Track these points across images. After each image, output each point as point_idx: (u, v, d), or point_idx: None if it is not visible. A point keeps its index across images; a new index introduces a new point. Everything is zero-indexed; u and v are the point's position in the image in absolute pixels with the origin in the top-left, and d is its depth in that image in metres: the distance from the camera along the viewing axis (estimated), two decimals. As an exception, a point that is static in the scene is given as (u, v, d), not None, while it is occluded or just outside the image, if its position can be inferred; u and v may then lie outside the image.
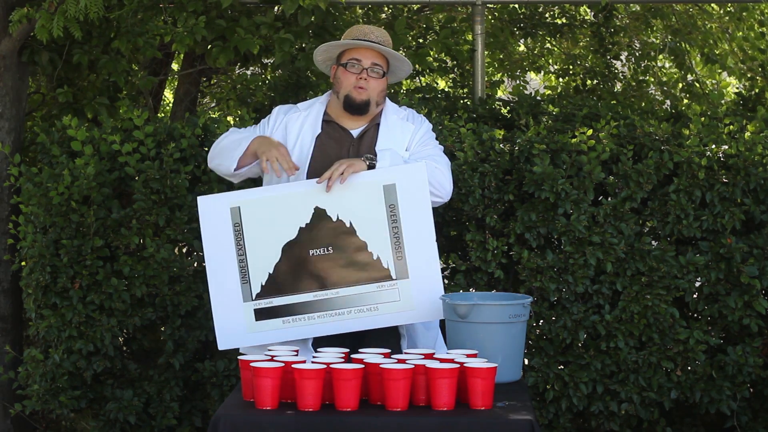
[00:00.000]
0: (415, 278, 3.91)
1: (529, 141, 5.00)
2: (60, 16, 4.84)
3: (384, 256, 3.91)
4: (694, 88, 7.33)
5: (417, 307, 3.91)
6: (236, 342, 3.99)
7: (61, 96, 5.74)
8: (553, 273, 4.94)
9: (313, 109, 4.15)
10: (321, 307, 3.92)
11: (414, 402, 3.41)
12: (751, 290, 4.90)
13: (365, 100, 4.02)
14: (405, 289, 3.91)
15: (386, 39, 4.10)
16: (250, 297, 3.94)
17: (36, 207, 5.03)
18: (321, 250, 3.93)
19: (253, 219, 3.95)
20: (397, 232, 3.91)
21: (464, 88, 6.91)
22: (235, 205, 3.97)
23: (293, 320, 3.93)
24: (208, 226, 3.99)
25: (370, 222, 3.93)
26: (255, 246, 3.95)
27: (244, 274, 3.95)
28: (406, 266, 3.91)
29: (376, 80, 4.03)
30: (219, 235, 3.97)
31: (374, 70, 4.02)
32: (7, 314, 5.52)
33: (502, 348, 3.72)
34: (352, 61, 4.03)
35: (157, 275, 5.02)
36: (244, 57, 5.98)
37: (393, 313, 3.91)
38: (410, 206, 3.92)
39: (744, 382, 4.95)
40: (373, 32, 4.06)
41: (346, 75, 4.04)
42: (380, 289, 3.91)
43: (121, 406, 5.06)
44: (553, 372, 4.95)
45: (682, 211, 4.93)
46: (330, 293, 3.91)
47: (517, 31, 7.38)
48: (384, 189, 3.92)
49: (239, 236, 3.95)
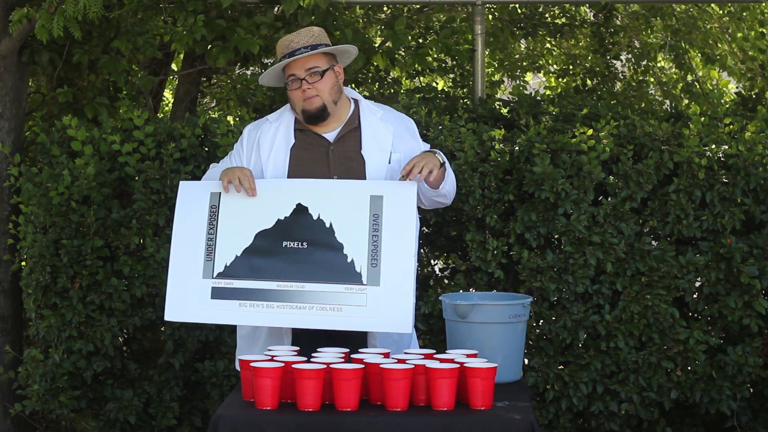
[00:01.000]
0: (387, 288, 3.80)
1: (529, 141, 5.00)
2: (60, 16, 4.85)
3: (358, 261, 3.83)
4: (694, 88, 7.34)
5: (383, 316, 3.78)
6: (185, 316, 3.91)
7: (61, 96, 5.74)
8: (553, 273, 4.94)
9: (284, 118, 4.07)
10: (283, 297, 3.82)
11: (414, 402, 3.41)
12: (751, 290, 4.90)
13: (319, 107, 3.94)
14: (374, 296, 3.79)
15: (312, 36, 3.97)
16: (210, 274, 3.85)
17: (36, 207, 5.03)
18: (295, 244, 3.86)
19: (231, 204, 3.90)
20: (377, 240, 3.84)
21: (464, 88, 6.91)
22: (217, 191, 3.93)
23: (250, 305, 3.82)
24: (184, 205, 3.94)
25: (350, 226, 3.87)
26: (228, 227, 3.88)
27: (210, 252, 3.87)
28: (380, 274, 3.81)
29: (319, 82, 3.93)
30: (192, 212, 3.91)
31: (313, 74, 3.93)
32: (7, 314, 5.52)
33: (502, 348, 3.72)
34: (290, 77, 3.95)
35: (157, 275, 5.02)
36: (244, 57, 5.98)
37: (356, 317, 3.79)
38: (394, 220, 3.85)
39: (744, 382, 4.95)
40: (294, 39, 3.95)
41: (293, 93, 3.96)
42: (348, 291, 3.81)
43: (121, 406, 5.06)
44: (553, 372, 4.95)
45: (682, 211, 4.93)
46: (295, 285, 3.82)
47: (517, 31, 7.38)
48: (371, 198, 3.87)
49: (213, 217, 3.90)
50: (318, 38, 3.98)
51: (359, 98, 4.09)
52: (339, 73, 4.02)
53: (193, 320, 3.93)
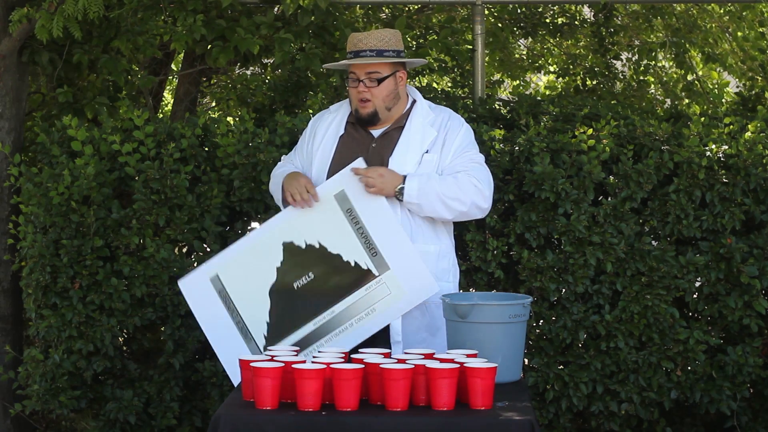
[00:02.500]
0: (396, 266, 3.95)
1: (529, 141, 5.00)
2: (60, 15, 4.85)
3: (360, 259, 3.97)
4: (695, 87, 7.34)
5: (408, 292, 3.96)
6: None
7: (61, 96, 5.74)
8: (553, 273, 4.94)
9: (342, 110, 4.19)
10: (325, 331, 3.98)
11: (414, 402, 3.41)
12: (751, 290, 4.90)
13: (370, 113, 4.03)
14: (391, 281, 3.95)
15: (382, 39, 4.03)
16: (258, 351, 4.03)
17: (36, 207, 5.03)
18: (303, 279, 4.00)
19: (233, 279, 4.05)
20: (363, 231, 3.98)
21: (464, 88, 6.91)
22: (213, 275, 4.07)
23: (305, 355, 3.97)
24: (196, 302, 4.11)
25: (335, 234, 4.00)
26: (244, 302, 4.04)
27: (246, 333, 4.04)
28: (383, 259, 3.96)
29: (375, 88, 4.01)
30: (209, 307, 4.07)
31: (371, 79, 4.01)
32: (7, 314, 5.52)
33: (502, 348, 3.72)
34: (351, 75, 4.05)
35: (157, 275, 5.02)
36: (244, 57, 5.98)
37: (389, 307, 3.96)
38: (364, 203, 3.98)
39: (744, 382, 4.95)
40: (364, 39, 4.01)
41: (350, 90, 4.07)
42: (369, 291, 3.97)
43: (121, 406, 5.05)
44: (553, 372, 4.95)
45: (682, 211, 4.93)
46: (326, 315, 3.98)
47: (517, 31, 7.38)
48: (336, 198, 4.00)
49: (227, 301, 4.05)
50: (388, 43, 4.03)
51: (418, 99, 4.16)
52: (401, 79, 4.09)
53: None
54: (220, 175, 5.06)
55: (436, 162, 4.05)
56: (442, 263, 4.11)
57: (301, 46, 5.92)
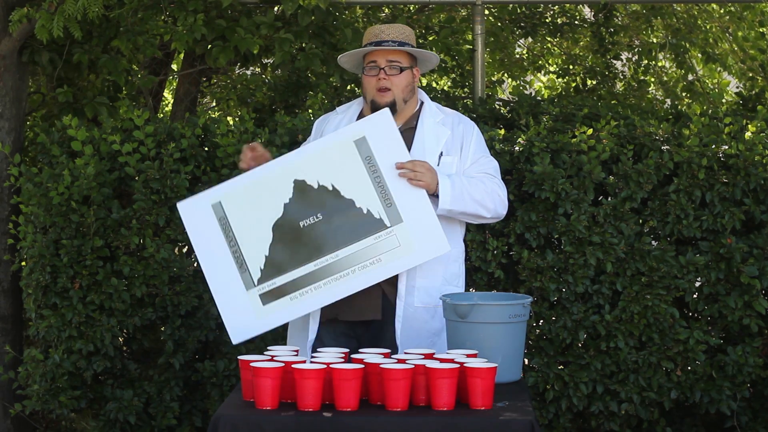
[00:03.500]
0: (409, 219, 3.86)
1: (529, 141, 5.00)
2: (60, 15, 4.85)
3: (374, 208, 3.87)
4: (695, 87, 7.34)
5: (419, 247, 3.86)
6: (249, 333, 3.94)
7: (61, 96, 5.74)
8: (553, 273, 4.94)
9: (350, 110, 4.17)
10: (325, 274, 3.87)
11: (414, 402, 3.41)
12: (751, 290, 4.90)
13: (389, 102, 4.00)
14: (402, 234, 3.86)
15: (403, 33, 4.07)
16: (252, 284, 3.90)
17: (36, 207, 5.03)
18: (311, 219, 3.89)
19: (236, 209, 3.93)
20: (380, 181, 3.88)
21: (464, 88, 6.91)
22: (216, 201, 3.95)
23: (300, 294, 3.88)
24: (194, 227, 3.97)
25: (351, 179, 3.89)
26: (245, 233, 3.91)
27: (241, 263, 3.91)
28: (398, 211, 3.86)
29: (396, 77, 4.01)
30: (207, 234, 3.94)
31: (392, 67, 4.01)
32: (7, 314, 5.52)
33: (502, 348, 3.72)
34: (370, 64, 4.04)
35: (157, 275, 5.02)
36: (244, 57, 5.98)
37: (396, 260, 3.86)
38: (385, 153, 3.89)
39: (744, 382, 4.95)
40: (386, 30, 4.05)
41: (368, 79, 4.04)
42: (378, 240, 3.86)
43: (121, 406, 5.06)
44: (553, 372, 4.95)
45: (682, 211, 4.93)
46: (330, 258, 3.86)
47: (517, 31, 7.39)
48: (356, 144, 3.90)
49: (227, 229, 3.93)
50: (408, 37, 4.07)
51: (426, 100, 4.15)
52: (416, 76, 4.10)
53: (257, 333, 3.97)
54: (220, 175, 5.06)
55: (455, 166, 4.03)
56: (453, 267, 4.08)
57: (301, 46, 5.93)
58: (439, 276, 4.01)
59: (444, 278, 4.02)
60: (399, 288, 3.95)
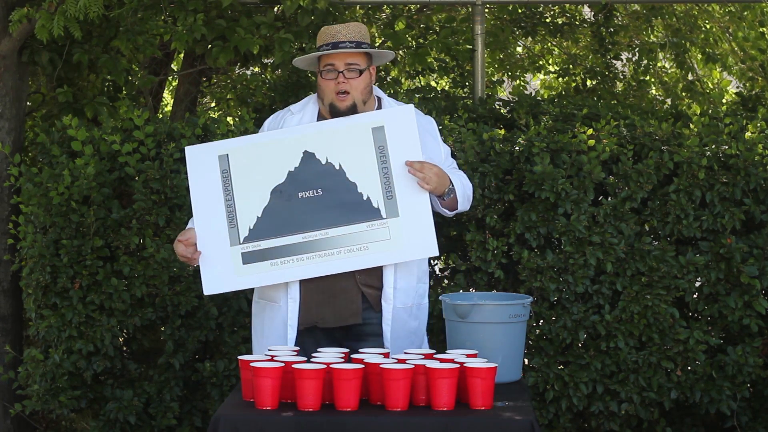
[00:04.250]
0: (406, 216, 3.85)
1: (529, 141, 5.00)
2: (60, 15, 4.85)
3: (374, 196, 3.86)
4: (695, 87, 7.34)
5: (408, 245, 3.85)
6: (222, 287, 3.93)
7: (61, 96, 5.74)
8: (553, 273, 4.94)
9: (307, 110, 4.07)
10: (310, 248, 3.85)
11: (414, 402, 3.41)
12: (751, 290, 4.90)
13: (349, 106, 3.93)
14: (395, 228, 3.84)
15: (359, 32, 3.97)
16: (237, 241, 3.88)
17: (36, 207, 5.03)
18: (310, 192, 3.88)
19: (241, 165, 3.92)
20: (387, 172, 3.87)
21: (464, 88, 6.91)
22: (223, 153, 3.94)
23: (281, 262, 3.86)
24: (196, 173, 3.95)
25: (359, 163, 3.88)
26: (243, 190, 3.90)
27: (232, 219, 3.89)
28: (397, 205, 3.85)
29: (355, 79, 3.92)
30: (207, 182, 3.93)
31: (351, 70, 3.92)
32: (7, 314, 5.52)
33: (502, 348, 3.72)
34: (327, 66, 3.94)
35: (157, 275, 5.02)
36: (244, 57, 5.98)
37: (383, 251, 3.84)
38: (399, 147, 3.88)
39: (744, 382, 4.95)
40: (342, 31, 3.94)
41: (326, 82, 3.94)
42: (370, 228, 3.84)
43: (121, 406, 5.05)
44: (553, 372, 4.95)
45: (682, 211, 4.93)
46: (319, 234, 3.85)
47: (517, 31, 7.38)
48: (373, 131, 3.89)
49: (227, 182, 3.91)
50: (364, 36, 3.98)
51: (382, 96, 4.09)
52: (372, 75, 4.03)
53: (230, 289, 3.96)
54: (220, 175, 5.05)
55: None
56: (423, 265, 4.06)
57: (301, 46, 5.92)
58: (414, 275, 3.99)
59: (417, 276, 3.99)
60: (385, 290, 3.91)
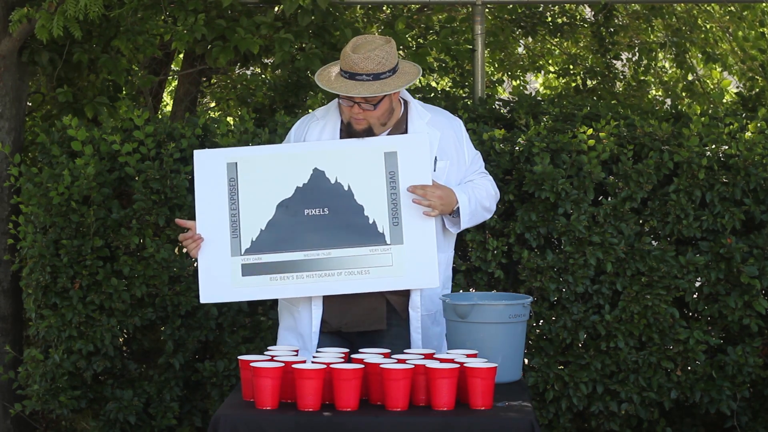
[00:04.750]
0: (410, 245, 3.84)
1: (529, 141, 5.00)
2: (60, 15, 4.85)
3: (380, 221, 3.84)
4: (695, 86, 7.34)
5: (409, 274, 3.84)
6: (219, 296, 3.91)
7: (61, 96, 5.74)
8: (553, 273, 4.94)
9: (331, 116, 3.99)
10: (311, 267, 3.84)
11: (414, 402, 3.41)
12: (751, 290, 4.90)
13: (365, 129, 3.87)
14: (398, 255, 3.84)
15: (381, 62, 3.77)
16: (239, 252, 3.86)
17: (36, 207, 5.03)
18: (316, 211, 3.86)
19: (249, 175, 3.90)
20: (395, 198, 3.85)
21: (464, 88, 6.91)
22: (232, 161, 3.91)
23: (281, 278, 3.85)
24: (203, 179, 3.92)
25: (368, 186, 3.87)
26: (249, 201, 3.88)
27: (235, 229, 3.87)
28: (402, 232, 3.84)
29: (371, 111, 3.82)
30: (213, 189, 3.90)
31: (367, 102, 3.80)
32: (7, 314, 5.52)
33: (502, 348, 3.72)
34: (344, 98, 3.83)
35: (157, 275, 5.02)
36: (244, 57, 5.98)
37: (384, 277, 3.83)
38: (410, 175, 3.86)
39: (744, 382, 4.95)
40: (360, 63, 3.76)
41: (342, 107, 3.88)
42: (373, 252, 3.83)
43: (121, 406, 5.06)
44: (553, 372, 4.95)
45: (682, 211, 4.93)
46: (321, 253, 3.84)
47: (517, 31, 7.39)
48: (385, 156, 3.87)
49: (233, 191, 3.89)
50: (385, 65, 3.79)
51: (410, 100, 4.00)
52: (396, 95, 3.90)
53: (227, 300, 3.97)
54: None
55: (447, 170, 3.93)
56: (447, 272, 4.06)
57: (301, 46, 5.92)
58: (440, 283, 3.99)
59: (442, 283, 3.99)
60: (413, 298, 3.91)
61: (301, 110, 5.95)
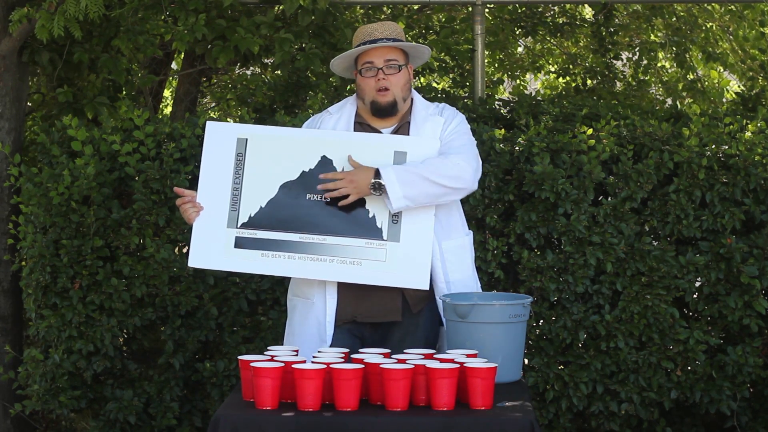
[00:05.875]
0: (406, 244, 3.87)
1: (529, 141, 5.00)
2: (60, 15, 4.85)
3: (380, 216, 3.88)
4: (695, 86, 7.34)
5: (401, 272, 3.87)
6: (208, 263, 3.96)
7: (61, 96, 5.74)
8: (553, 273, 4.94)
9: (345, 110, 4.10)
10: (304, 249, 3.88)
11: (414, 402, 3.41)
12: (751, 290, 4.90)
13: (391, 102, 3.96)
14: (393, 252, 3.87)
15: (395, 30, 4.03)
16: (235, 224, 3.90)
17: (36, 207, 5.03)
18: (318, 197, 3.90)
19: (257, 153, 3.94)
20: None
21: (464, 88, 6.91)
22: (243, 136, 3.96)
23: (272, 255, 3.88)
24: (211, 150, 3.98)
25: None
26: (253, 178, 3.93)
27: (235, 202, 3.92)
28: (400, 231, 3.88)
29: (395, 75, 3.96)
30: (219, 161, 3.95)
31: (390, 66, 3.96)
32: (7, 314, 5.52)
33: (502, 348, 3.72)
34: (366, 65, 3.97)
35: (157, 275, 5.02)
36: (244, 57, 5.98)
37: (374, 271, 3.86)
38: None
39: (744, 382, 4.95)
40: (379, 29, 4.00)
41: (365, 81, 3.98)
42: (368, 245, 3.87)
43: (121, 406, 5.06)
44: (553, 372, 4.95)
45: (682, 211, 4.93)
46: (316, 238, 3.88)
47: (517, 31, 7.39)
48: (395, 154, 3.91)
49: (239, 165, 3.94)
50: (400, 34, 4.03)
51: (414, 95, 4.12)
52: (410, 73, 4.06)
53: (215, 267, 4.00)
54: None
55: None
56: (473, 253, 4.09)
57: (301, 46, 5.93)
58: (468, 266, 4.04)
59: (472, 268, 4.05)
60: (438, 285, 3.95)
61: (301, 110, 5.94)
